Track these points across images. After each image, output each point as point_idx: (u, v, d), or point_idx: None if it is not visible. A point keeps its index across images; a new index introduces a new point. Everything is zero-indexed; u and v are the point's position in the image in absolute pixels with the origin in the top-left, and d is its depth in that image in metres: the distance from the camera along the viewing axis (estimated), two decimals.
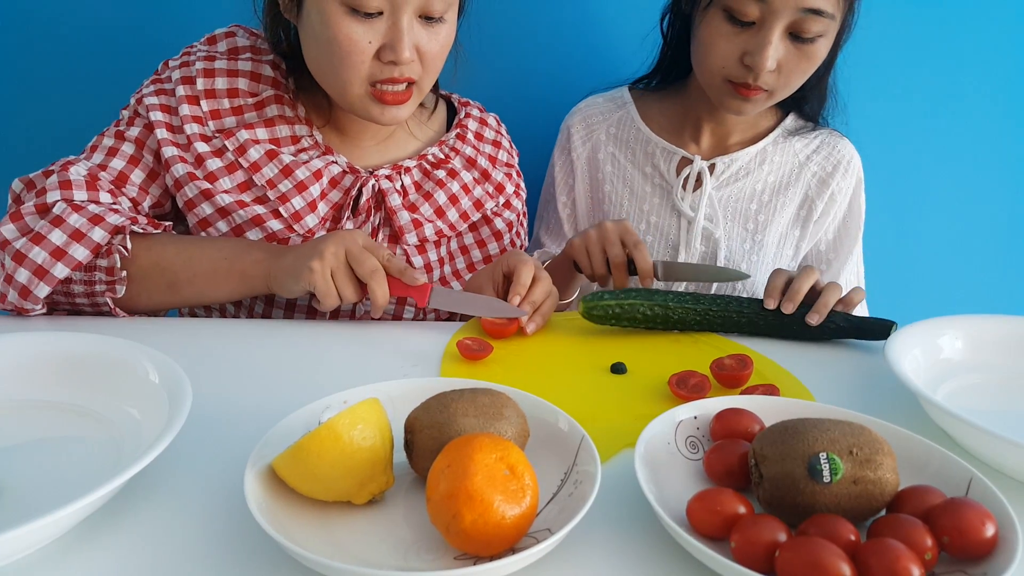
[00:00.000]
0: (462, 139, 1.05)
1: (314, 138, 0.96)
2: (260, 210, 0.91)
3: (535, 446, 0.57)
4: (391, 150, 1.02)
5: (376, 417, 0.52)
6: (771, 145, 1.11)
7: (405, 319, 0.99)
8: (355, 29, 0.82)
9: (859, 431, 0.52)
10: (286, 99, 0.95)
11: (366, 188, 0.95)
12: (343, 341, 0.83)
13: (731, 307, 0.85)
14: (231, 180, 0.91)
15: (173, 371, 0.61)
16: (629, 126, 1.15)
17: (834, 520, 0.48)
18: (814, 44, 0.93)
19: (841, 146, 1.12)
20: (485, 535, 0.45)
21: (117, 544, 0.49)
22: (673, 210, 1.11)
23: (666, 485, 0.54)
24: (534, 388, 0.64)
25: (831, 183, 1.11)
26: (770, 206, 1.11)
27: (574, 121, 1.18)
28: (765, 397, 0.62)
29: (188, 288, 0.86)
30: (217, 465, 0.57)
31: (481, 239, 1.05)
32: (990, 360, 0.77)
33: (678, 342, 0.85)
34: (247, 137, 0.92)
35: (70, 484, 0.54)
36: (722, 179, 1.10)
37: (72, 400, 0.63)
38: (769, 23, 0.91)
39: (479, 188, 1.03)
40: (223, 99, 0.93)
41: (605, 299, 0.84)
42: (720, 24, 0.95)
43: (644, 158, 1.13)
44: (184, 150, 0.91)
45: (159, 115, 0.91)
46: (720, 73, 0.97)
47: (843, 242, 1.14)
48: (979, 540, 0.46)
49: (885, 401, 0.72)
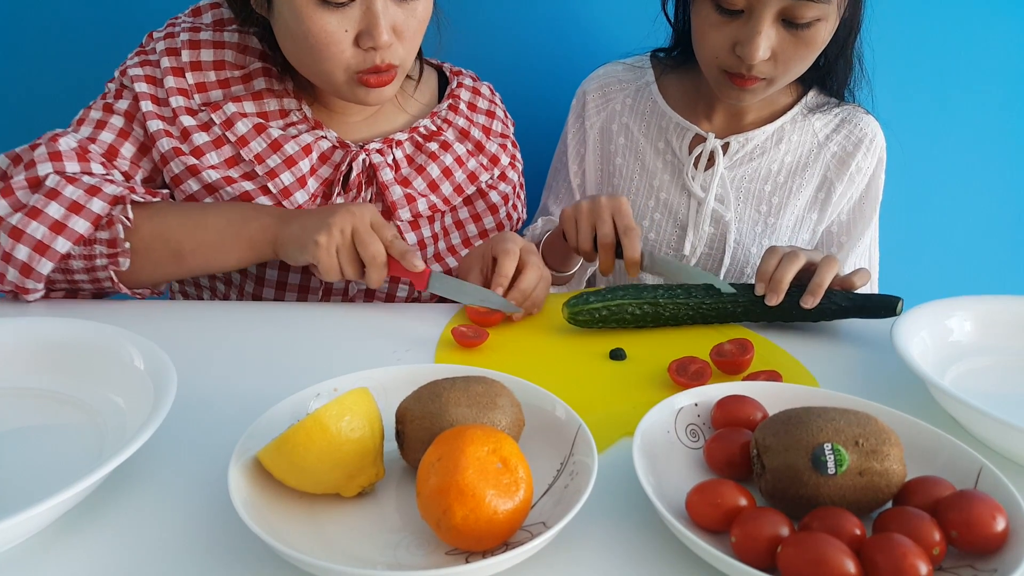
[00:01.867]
0: (454, 110, 1.02)
1: (303, 112, 0.93)
2: (248, 186, 0.89)
3: (530, 435, 0.55)
4: (381, 123, 0.99)
5: (365, 407, 0.50)
6: (789, 123, 1.06)
7: (399, 298, 0.97)
8: (329, 20, 0.80)
9: (865, 420, 0.50)
10: (274, 72, 0.93)
11: (356, 163, 0.93)
12: (335, 325, 0.81)
13: (725, 298, 0.81)
14: (218, 155, 0.89)
15: (158, 357, 0.59)
16: (646, 98, 1.10)
17: (838, 513, 0.46)
18: (810, 29, 0.88)
19: (864, 123, 1.06)
20: (477, 531, 0.44)
21: (99, 537, 0.48)
22: (683, 189, 1.07)
23: (665, 475, 0.53)
24: (530, 375, 0.62)
25: (851, 162, 1.05)
26: (785, 188, 1.06)
27: (591, 88, 1.13)
28: (768, 384, 0.61)
29: (194, 257, 0.83)
30: (203, 455, 0.56)
31: (476, 213, 1.03)
32: (1001, 342, 0.75)
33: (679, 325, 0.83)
34: (234, 110, 0.89)
35: (52, 475, 0.53)
36: (736, 159, 1.05)
37: (54, 387, 0.61)
38: (758, 12, 0.86)
39: (473, 160, 1.01)
40: (209, 71, 0.90)
41: (591, 302, 0.80)
42: (709, 14, 0.90)
43: (658, 132, 1.09)
44: (170, 124, 0.88)
45: (144, 86, 0.88)
46: (714, 63, 0.94)
47: (856, 224, 1.09)
48: (989, 534, 0.45)
49: (892, 385, 0.70)
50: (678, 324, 0.83)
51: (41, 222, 0.77)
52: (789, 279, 0.79)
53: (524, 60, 1.28)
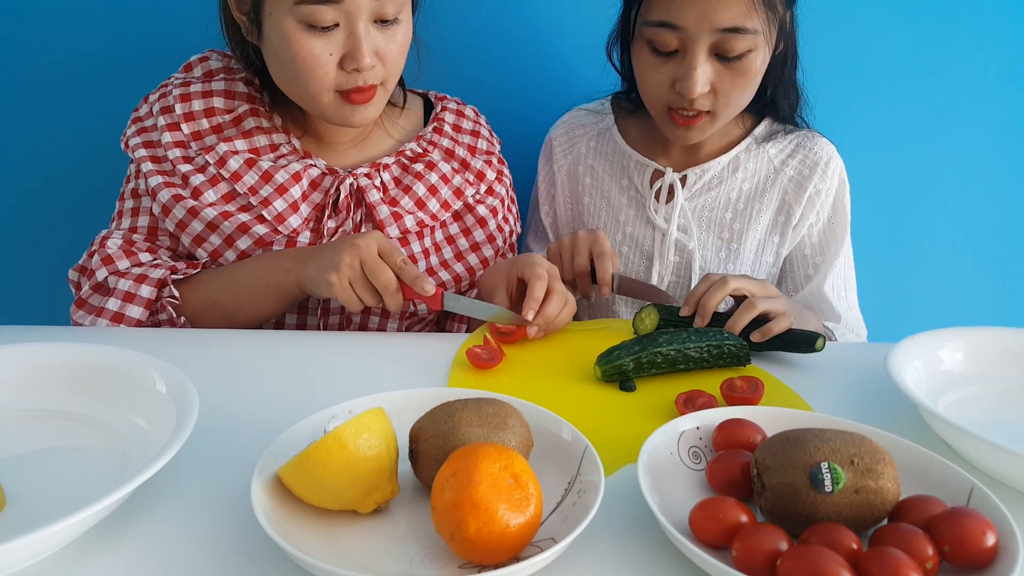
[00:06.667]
0: (439, 132, 1.07)
1: (292, 144, 0.98)
2: (245, 217, 0.93)
3: (539, 456, 0.57)
4: (368, 149, 1.04)
5: (381, 426, 0.53)
6: (744, 152, 1.10)
7: (421, 314, 1.02)
8: (314, 44, 0.85)
9: (860, 441, 0.52)
10: (262, 111, 0.98)
11: (343, 186, 0.97)
12: (349, 351, 0.84)
13: (723, 339, 0.82)
14: (215, 192, 0.94)
15: (180, 381, 0.61)
16: (608, 139, 1.16)
17: (836, 529, 0.48)
18: (743, 60, 0.92)
19: (818, 147, 1.09)
20: (490, 544, 0.46)
21: (123, 553, 0.50)
22: (648, 222, 1.12)
23: (669, 495, 0.55)
24: (540, 400, 0.64)
25: (808, 186, 1.08)
26: (745, 214, 1.10)
27: (557, 134, 1.20)
28: (767, 408, 0.63)
29: (240, 314, 0.92)
30: (224, 474, 0.58)
31: (466, 227, 1.06)
32: (991, 372, 0.77)
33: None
34: (226, 149, 0.94)
35: (77, 493, 0.55)
36: (694, 190, 1.10)
37: (79, 409, 0.63)
38: (690, 50, 0.92)
39: (458, 177, 1.05)
40: (202, 119, 0.96)
41: (621, 358, 0.79)
42: (647, 56, 0.96)
43: (621, 170, 1.14)
44: (169, 176, 0.94)
45: (143, 152, 0.95)
46: (658, 102, 0.98)
47: (829, 245, 1.11)
48: (980, 549, 0.47)
49: (887, 412, 0.73)
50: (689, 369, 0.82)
51: (105, 317, 0.90)
52: (714, 304, 0.85)
53: (506, 85, 1.32)
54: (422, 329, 1.07)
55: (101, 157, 1.26)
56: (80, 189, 1.31)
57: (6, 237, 1.35)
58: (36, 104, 1.27)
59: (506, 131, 1.19)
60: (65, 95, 1.27)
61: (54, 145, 1.29)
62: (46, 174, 1.31)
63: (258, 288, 0.90)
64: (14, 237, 1.35)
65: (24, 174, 1.31)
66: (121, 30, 1.24)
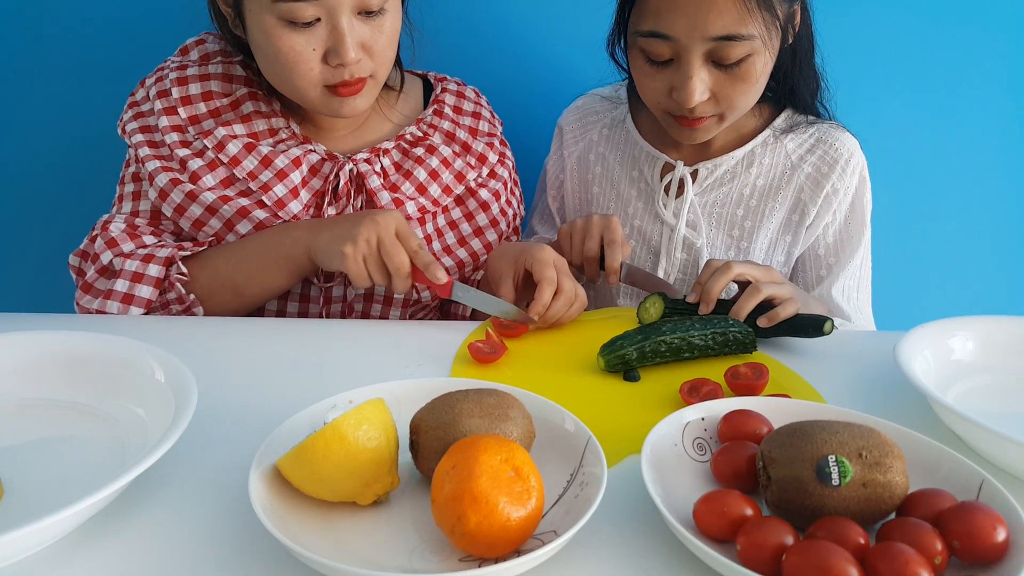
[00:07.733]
0: (439, 115, 1.05)
1: (291, 129, 0.97)
2: (244, 202, 0.92)
3: (541, 447, 0.57)
4: (367, 134, 1.02)
5: (381, 418, 0.52)
6: (760, 147, 1.05)
7: (424, 302, 1.01)
8: (297, 40, 0.83)
9: (868, 433, 0.51)
10: (260, 95, 0.97)
11: (343, 172, 0.96)
12: (351, 339, 0.83)
13: (731, 326, 0.81)
14: (213, 177, 0.93)
15: (179, 370, 0.61)
16: (621, 129, 1.13)
17: (843, 523, 0.47)
18: (742, 66, 0.88)
19: (840, 143, 1.03)
20: (490, 537, 0.45)
21: (122, 543, 0.49)
22: (656, 217, 1.08)
23: (673, 487, 0.54)
24: (543, 391, 0.63)
25: (825, 184, 1.03)
26: (758, 211, 1.05)
27: (569, 119, 1.17)
28: (774, 399, 0.62)
29: (251, 288, 0.91)
30: (222, 464, 0.57)
31: (468, 212, 1.05)
32: (1002, 362, 0.76)
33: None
34: (224, 133, 0.93)
35: (75, 483, 0.54)
36: (705, 185, 1.06)
37: (78, 399, 0.63)
38: (685, 59, 0.88)
39: (459, 160, 1.03)
40: (199, 103, 0.94)
41: (624, 347, 0.78)
42: (642, 64, 0.93)
43: (631, 162, 1.11)
44: (167, 160, 0.93)
45: (140, 137, 0.94)
46: (658, 108, 0.96)
47: (845, 246, 1.06)
48: (990, 545, 0.46)
49: (895, 402, 0.72)
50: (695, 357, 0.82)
51: (114, 299, 0.88)
52: (718, 289, 0.84)
53: (508, 66, 1.30)
54: (425, 316, 1.06)
55: (98, 143, 1.24)
56: (77, 175, 1.30)
57: (2, 224, 1.34)
58: (32, 90, 1.26)
59: (508, 112, 1.17)
60: (61, 80, 1.26)
61: (50, 131, 1.28)
62: (42, 160, 1.30)
63: (267, 260, 0.89)
64: (10, 223, 1.34)
65: (20, 160, 1.31)
66: (118, 13, 1.22)
